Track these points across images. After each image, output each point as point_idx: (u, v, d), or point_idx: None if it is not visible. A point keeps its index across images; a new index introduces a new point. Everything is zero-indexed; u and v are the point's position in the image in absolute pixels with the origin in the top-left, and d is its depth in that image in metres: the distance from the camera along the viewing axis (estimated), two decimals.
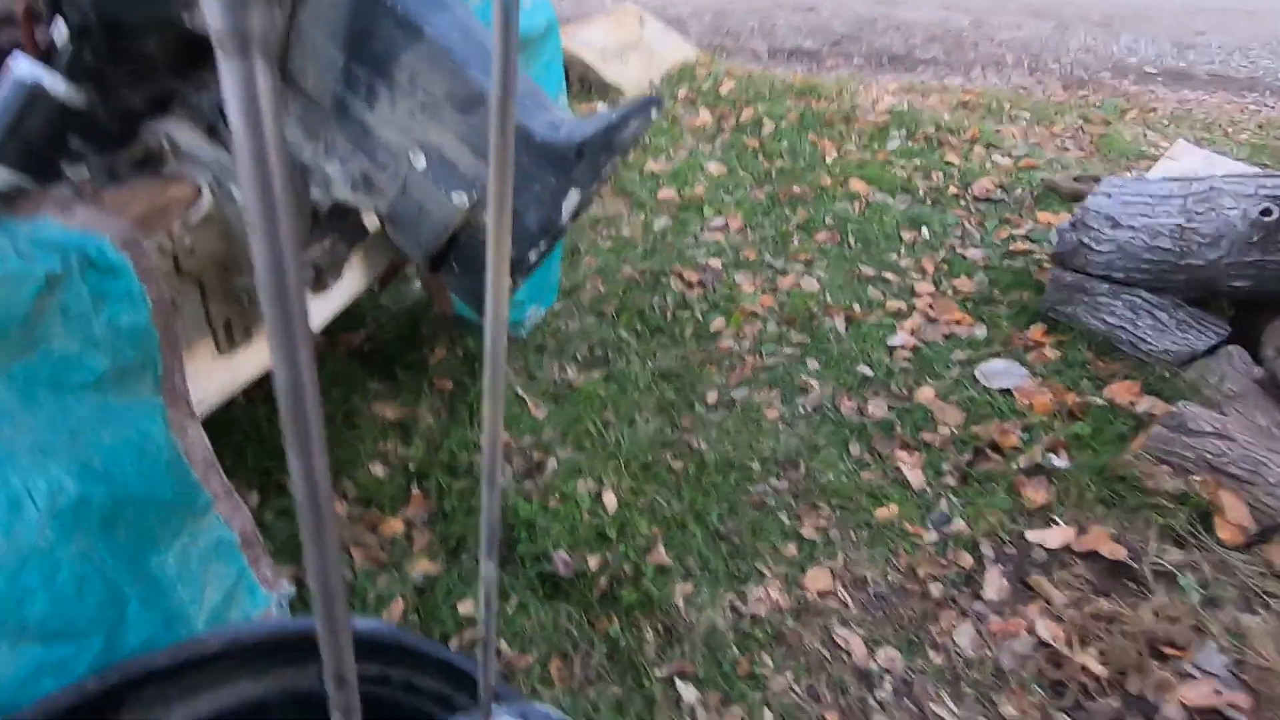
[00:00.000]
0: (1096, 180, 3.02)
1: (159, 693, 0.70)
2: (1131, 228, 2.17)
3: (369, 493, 1.87)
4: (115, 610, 0.85)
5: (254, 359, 1.49)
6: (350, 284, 1.76)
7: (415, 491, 1.88)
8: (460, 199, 0.98)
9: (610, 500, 1.86)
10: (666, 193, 3.34)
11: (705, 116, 4.11)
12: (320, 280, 1.56)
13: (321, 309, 1.67)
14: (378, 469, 1.94)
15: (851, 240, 2.96)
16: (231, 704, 0.75)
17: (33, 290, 0.89)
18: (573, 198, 1.04)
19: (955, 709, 1.44)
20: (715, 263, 2.86)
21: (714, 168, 3.56)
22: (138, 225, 1.06)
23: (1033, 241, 2.87)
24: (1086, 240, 2.24)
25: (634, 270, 2.81)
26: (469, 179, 1.00)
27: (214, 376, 1.42)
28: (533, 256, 1.04)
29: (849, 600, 1.66)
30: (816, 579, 1.69)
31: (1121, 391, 2.06)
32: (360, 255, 1.73)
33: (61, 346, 0.95)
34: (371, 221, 1.48)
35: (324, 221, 1.49)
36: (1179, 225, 2.08)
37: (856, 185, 3.33)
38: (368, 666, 0.78)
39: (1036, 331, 2.36)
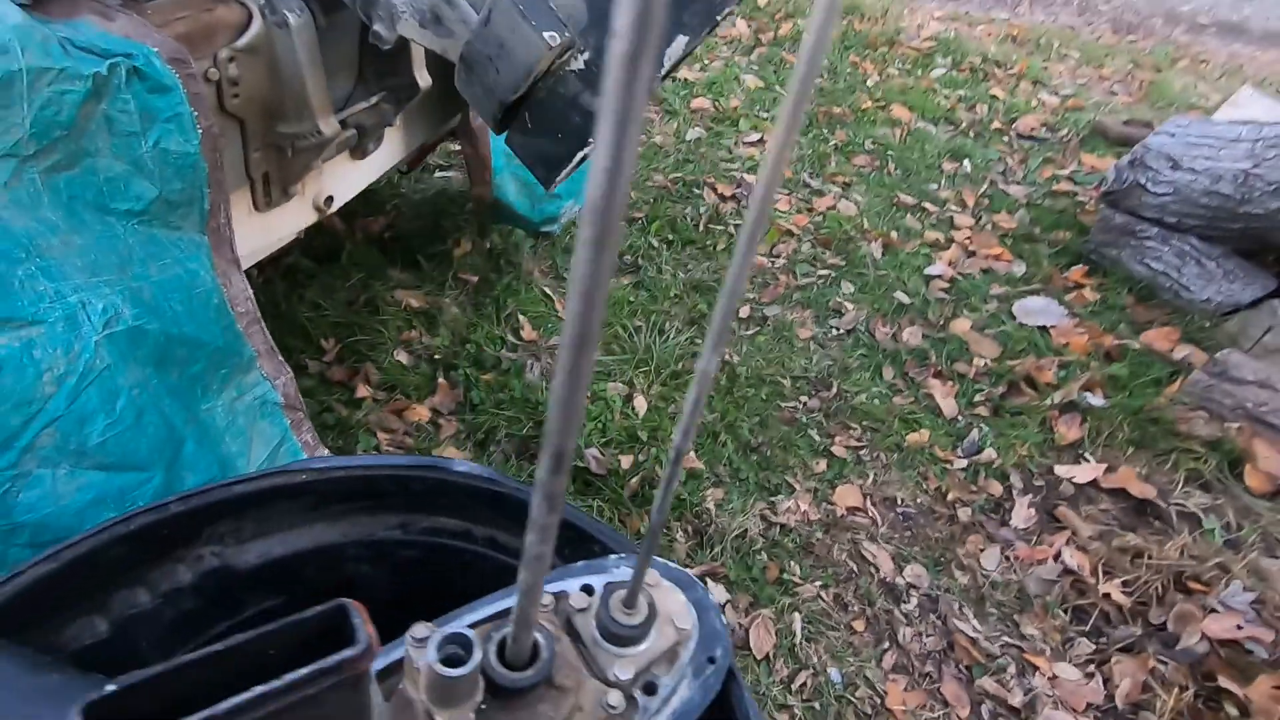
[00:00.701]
0: (1147, 125, 2.91)
1: (235, 525, 0.66)
2: (1193, 170, 2.10)
3: (393, 379, 1.82)
4: (172, 448, 0.80)
5: (289, 220, 1.40)
6: (384, 157, 1.64)
7: (441, 381, 1.83)
8: (551, 38, 0.89)
9: (641, 404, 1.83)
10: (700, 102, 3.18)
11: (742, 27, 3.88)
12: (361, 145, 1.45)
13: (354, 178, 1.57)
14: (402, 356, 1.88)
15: (891, 167, 2.86)
16: (306, 547, 0.71)
17: (79, 94, 0.79)
18: (678, 44, 0.95)
19: (978, 626, 1.46)
20: (750, 178, 2.75)
21: (751, 81, 3.39)
22: (182, 43, 0.95)
23: (1076, 183, 2.78)
24: (1143, 180, 2.16)
25: (665, 179, 2.69)
26: (562, 17, 0.90)
27: (248, 237, 1.33)
28: None
29: (878, 518, 1.66)
30: (846, 495, 1.69)
31: (1160, 338, 2.04)
32: (399, 127, 1.62)
33: (107, 167, 0.86)
34: (424, 79, 1.36)
35: (371, 79, 1.37)
36: (1244, 170, 2.01)
37: (898, 111, 3.19)
38: (448, 519, 0.74)
39: (1077, 273, 2.31)
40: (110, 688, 0.27)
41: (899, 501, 1.70)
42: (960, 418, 1.88)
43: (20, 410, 0.66)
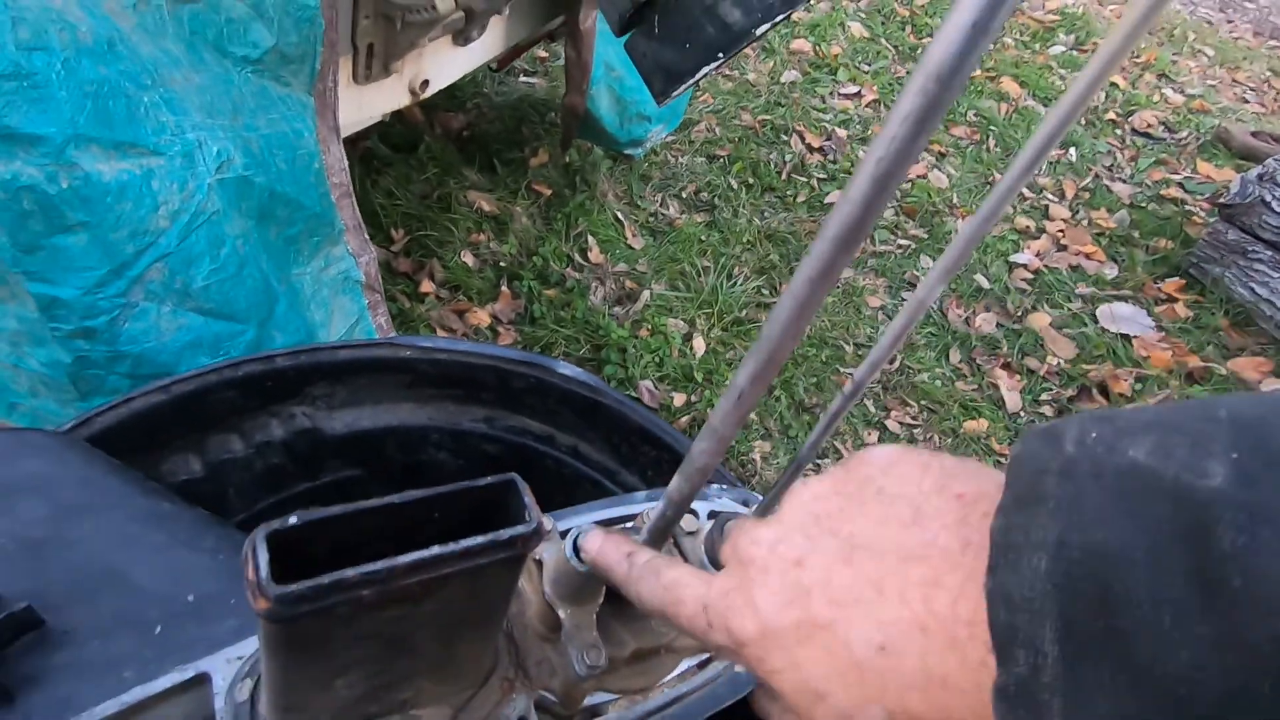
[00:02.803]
0: (1277, 140, 2.70)
1: (329, 390, 0.65)
2: None
3: (457, 279, 1.80)
4: (267, 305, 0.79)
5: (384, 98, 1.36)
6: (483, 48, 1.58)
7: (505, 289, 1.82)
8: None
9: (699, 345, 1.80)
10: (800, 44, 3.02)
11: None
12: (465, 30, 1.39)
13: (452, 65, 1.52)
14: (468, 258, 1.86)
15: (991, 143, 2.70)
16: (391, 424, 0.71)
17: None
18: None
19: None
20: (841, 132, 2.62)
21: (856, 29, 3.20)
22: None
23: (1187, 191, 2.61)
24: (1269, 198, 2.01)
25: (753, 120, 2.58)
26: None
27: (343, 109, 1.29)
28: (760, 31, 0.89)
29: None
30: None
31: (1250, 367, 1.93)
32: (503, 18, 1.55)
33: (230, 6, 0.83)
34: None
35: None
36: None
37: (1007, 85, 3.00)
38: (534, 421, 0.72)
39: (1172, 285, 2.18)
40: (293, 520, 0.26)
41: (1019, 435, 1.66)
42: (1023, 413, 1.82)
43: (135, 239, 0.65)
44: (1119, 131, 2.91)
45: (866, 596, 0.23)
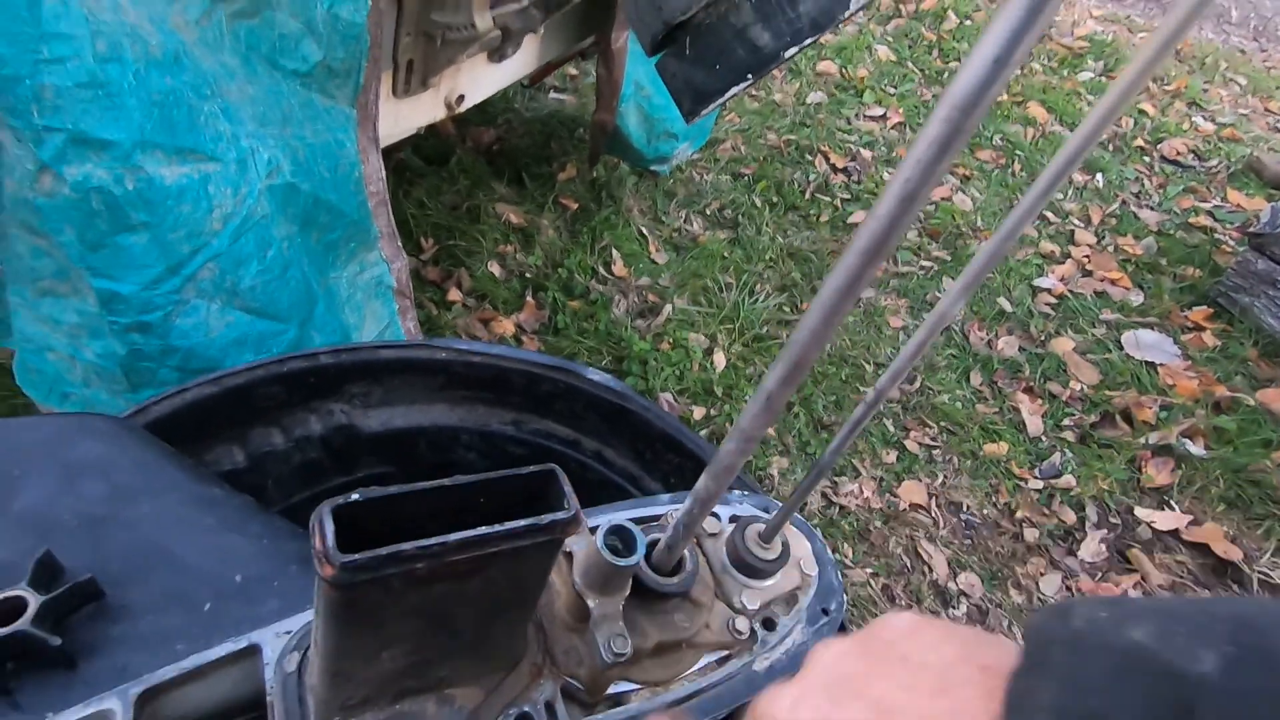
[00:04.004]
0: None
1: (367, 389, 0.68)
2: None
3: (484, 288, 1.84)
4: (307, 306, 0.83)
5: (421, 112, 1.40)
6: (518, 64, 1.63)
7: (530, 300, 1.85)
8: None
9: (720, 360, 1.81)
10: (826, 66, 3.05)
11: None
12: (501, 47, 1.43)
13: (487, 81, 1.56)
14: (495, 268, 1.90)
15: (1017, 167, 2.70)
16: (424, 424, 0.73)
17: None
18: None
19: None
20: (866, 153, 2.64)
21: (883, 52, 3.23)
22: None
23: (1216, 219, 2.59)
24: None
25: (779, 139, 2.61)
26: None
27: (382, 122, 1.34)
28: (789, 54, 0.91)
29: (940, 520, 1.62)
30: (911, 491, 1.65)
31: (1278, 399, 1.90)
32: (536, 37, 1.60)
33: (284, 23, 0.87)
34: None
35: None
36: None
37: (1034, 110, 3.00)
38: (560, 426, 0.75)
39: (1199, 313, 2.16)
40: (355, 496, 0.28)
41: (964, 508, 1.66)
42: (1044, 438, 1.81)
43: (191, 240, 0.69)
44: (1147, 159, 2.89)
45: None
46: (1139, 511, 1.68)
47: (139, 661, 0.44)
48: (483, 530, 0.29)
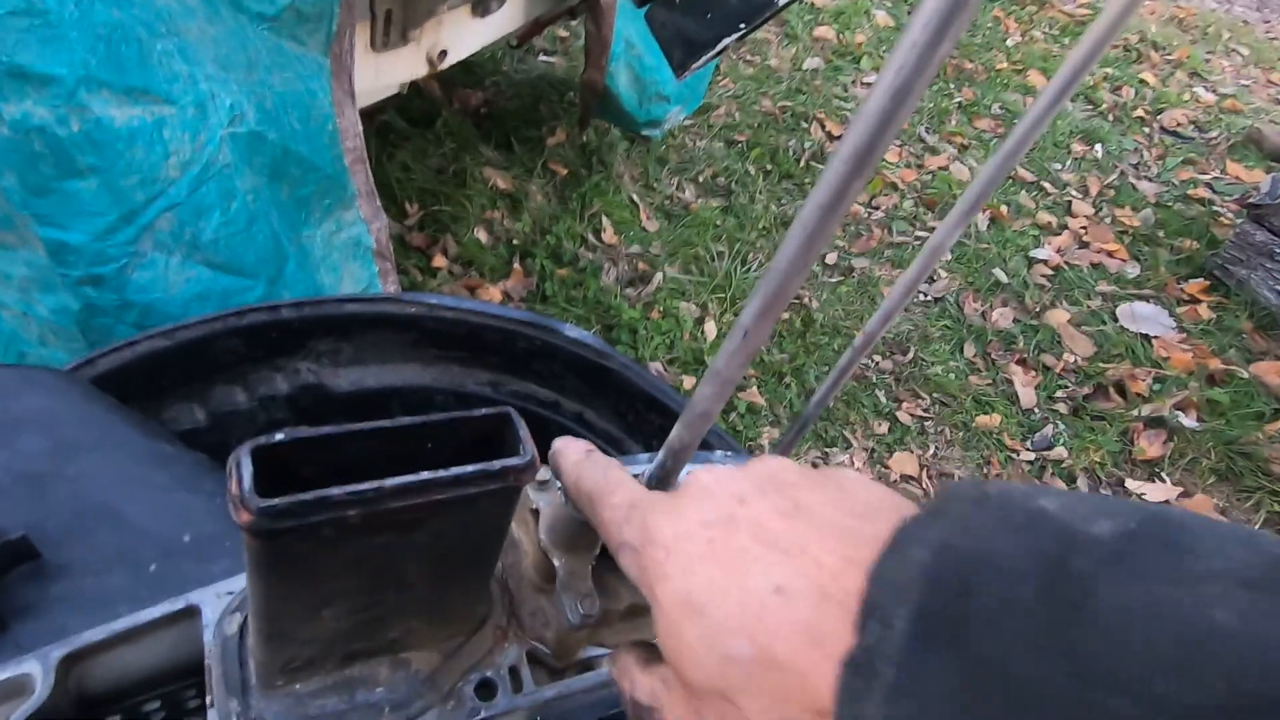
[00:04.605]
0: None
1: (335, 346, 0.65)
2: None
3: (470, 255, 1.80)
4: (276, 263, 0.79)
5: (401, 67, 1.35)
6: (503, 20, 1.57)
7: (517, 267, 1.81)
8: None
9: (711, 329, 1.78)
10: (824, 31, 2.98)
11: None
12: (485, 1, 1.38)
13: (471, 37, 1.50)
14: (482, 234, 1.86)
15: None
16: (396, 384, 0.70)
17: None
18: None
19: None
20: None
21: (881, 18, 3.15)
22: None
23: (1215, 191, 2.55)
24: None
25: (773, 106, 2.56)
26: None
27: (360, 77, 1.29)
28: (782, 1, 0.87)
29: (931, 491, 1.61)
30: (903, 462, 1.64)
31: (1272, 371, 1.89)
32: None
33: None
34: None
35: None
36: None
37: (1035, 78, 2.94)
38: (539, 387, 0.72)
39: (1195, 286, 2.14)
40: (279, 436, 0.25)
41: (956, 479, 1.64)
42: (1037, 410, 1.80)
43: (145, 187, 0.65)
44: (1147, 129, 2.85)
45: (788, 548, 0.23)
46: (1130, 484, 1.68)
47: (78, 624, 0.41)
48: (425, 475, 0.26)
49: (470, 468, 0.27)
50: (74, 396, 0.50)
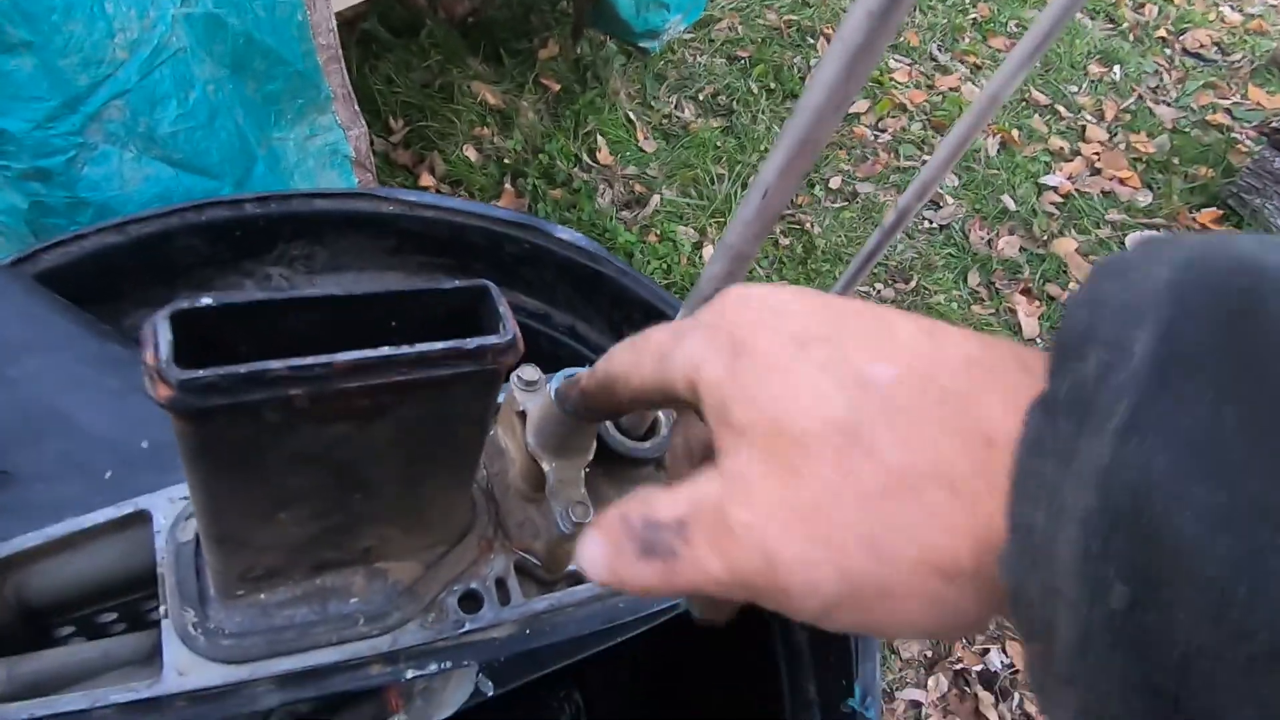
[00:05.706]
0: None
1: (308, 250, 0.60)
2: None
3: (459, 173, 1.72)
4: (244, 164, 0.73)
5: None
6: None
7: (508, 187, 1.73)
8: None
9: (710, 254, 1.72)
10: None
11: None
12: None
13: None
14: (471, 152, 1.77)
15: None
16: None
17: None
18: None
19: None
20: None
21: None
22: None
23: (1235, 118, 2.45)
24: None
25: (779, 19, 2.41)
26: None
27: None
28: None
29: None
30: None
31: None
32: None
33: None
34: None
35: None
36: None
37: None
38: (529, 298, 0.67)
39: (1208, 215, 2.08)
40: (205, 301, 0.21)
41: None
42: (1039, 340, 1.77)
43: (89, 69, 0.59)
44: (1168, 51, 2.71)
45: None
46: None
47: (22, 531, 0.38)
48: (385, 351, 0.22)
49: (439, 344, 0.23)
50: (12, 292, 0.46)
